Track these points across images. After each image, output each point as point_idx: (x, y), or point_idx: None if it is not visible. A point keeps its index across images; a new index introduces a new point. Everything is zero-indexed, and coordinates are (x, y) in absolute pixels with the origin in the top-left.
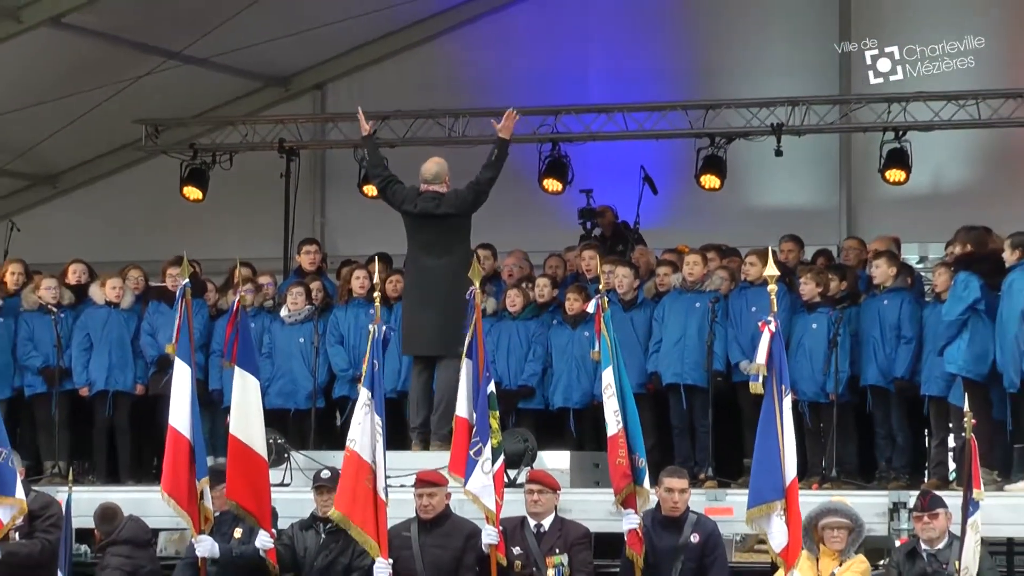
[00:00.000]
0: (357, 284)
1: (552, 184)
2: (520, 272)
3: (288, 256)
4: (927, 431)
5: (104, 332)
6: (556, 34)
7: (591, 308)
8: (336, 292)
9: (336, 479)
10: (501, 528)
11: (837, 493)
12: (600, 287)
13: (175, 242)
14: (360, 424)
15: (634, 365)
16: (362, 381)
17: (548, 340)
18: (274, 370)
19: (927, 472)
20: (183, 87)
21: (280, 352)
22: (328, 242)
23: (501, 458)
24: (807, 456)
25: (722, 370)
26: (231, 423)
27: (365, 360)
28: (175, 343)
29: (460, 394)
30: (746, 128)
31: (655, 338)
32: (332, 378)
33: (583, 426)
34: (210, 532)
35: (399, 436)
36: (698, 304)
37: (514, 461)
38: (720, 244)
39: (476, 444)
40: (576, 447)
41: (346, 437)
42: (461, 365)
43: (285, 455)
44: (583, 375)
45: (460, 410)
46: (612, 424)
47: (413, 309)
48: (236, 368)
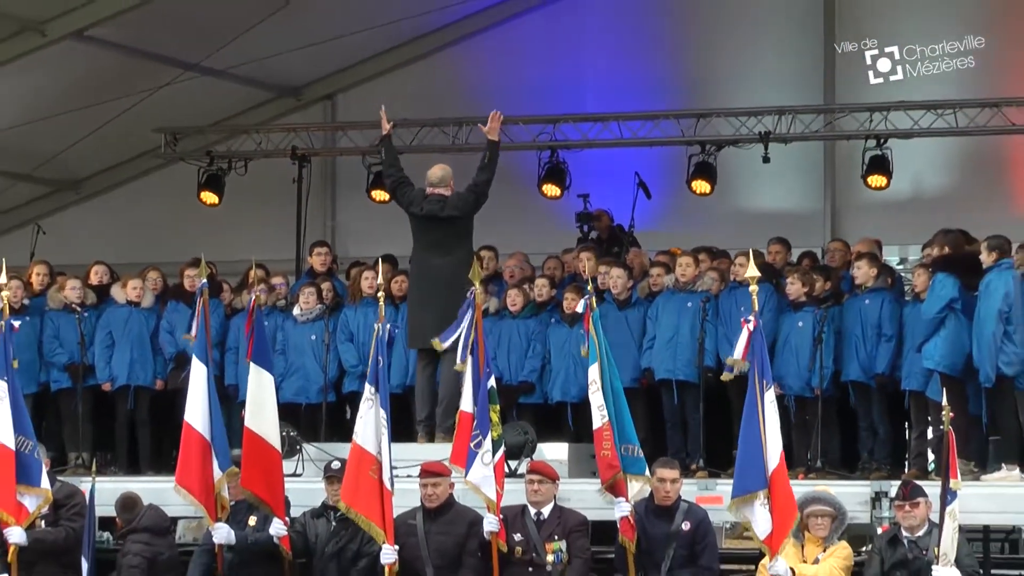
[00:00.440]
0: (366, 284)
1: (551, 189)
2: (521, 273)
3: (300, 258)
4: (907, 424)
5: (125, 330)
6: (554, 47)
7: (580, 308)
8: (346, 292)
9: None
10: (503, 516)
11: (822, 483)
12: (590, 288)
13: (192, 245)
14: (363, 418)
15: (628, 361)
16: (367, 377)
17: (547, 338)
18: (287, 366)
19: (907, 463)
20: (200, 97)
21: (293, 349)
22: (338, 244)
23: (501, 450)
24: (793, 448)
25: (712, 366)
26: (246, 416)
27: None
28: (193, 336)
29: (464, 389)
30: (735, 136)
31: (648, 336)
32: (342, 374)
33: (580, 419)
34: (226, 520)
35: (406, 429)
36: (690, 303)
37: (515, 453)
38: (711, 246)
39: (477, 437)
40: (574, 439)
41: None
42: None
43: (297, 447)
44: (580, 371)
45: (465, 404)
46: (597, 418)
47: (417, 305)
48: (251, 364)
